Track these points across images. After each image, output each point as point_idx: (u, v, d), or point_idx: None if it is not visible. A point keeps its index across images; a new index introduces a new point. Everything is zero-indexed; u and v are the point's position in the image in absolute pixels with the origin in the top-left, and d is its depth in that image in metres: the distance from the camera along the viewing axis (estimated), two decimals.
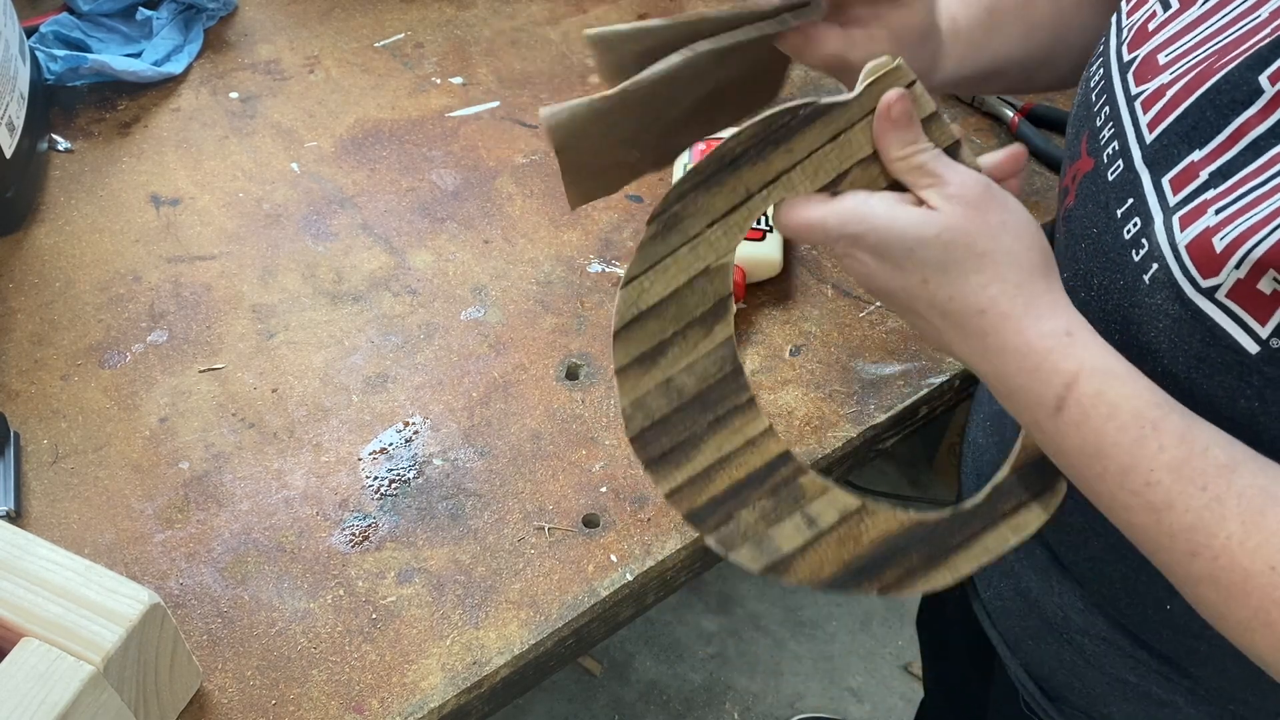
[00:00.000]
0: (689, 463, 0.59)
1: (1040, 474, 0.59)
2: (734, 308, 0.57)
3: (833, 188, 0.54)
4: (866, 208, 0.52)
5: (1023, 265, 0.50)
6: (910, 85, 0.53)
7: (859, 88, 0.53)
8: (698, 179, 0.54)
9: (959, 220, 0.50)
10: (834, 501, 0.59)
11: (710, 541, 0.59)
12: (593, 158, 0.58)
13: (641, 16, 1.19)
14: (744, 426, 0.58)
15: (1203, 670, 0.65)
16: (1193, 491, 0.46)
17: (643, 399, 0.58)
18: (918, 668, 1.65)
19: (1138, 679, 0.69)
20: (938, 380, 0.85)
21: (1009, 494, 0.60)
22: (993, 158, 0.55)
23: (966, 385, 0.87)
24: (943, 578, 0.60)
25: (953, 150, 0.53)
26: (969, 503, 0.60)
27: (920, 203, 0.52)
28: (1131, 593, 0.65)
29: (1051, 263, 0.52)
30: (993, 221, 0.50)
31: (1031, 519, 0.59)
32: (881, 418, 0.82)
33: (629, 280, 0.56)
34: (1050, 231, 0.63)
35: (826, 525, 0.59)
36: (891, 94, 0.52)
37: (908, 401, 0.84)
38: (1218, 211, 0.49)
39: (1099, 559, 0.67)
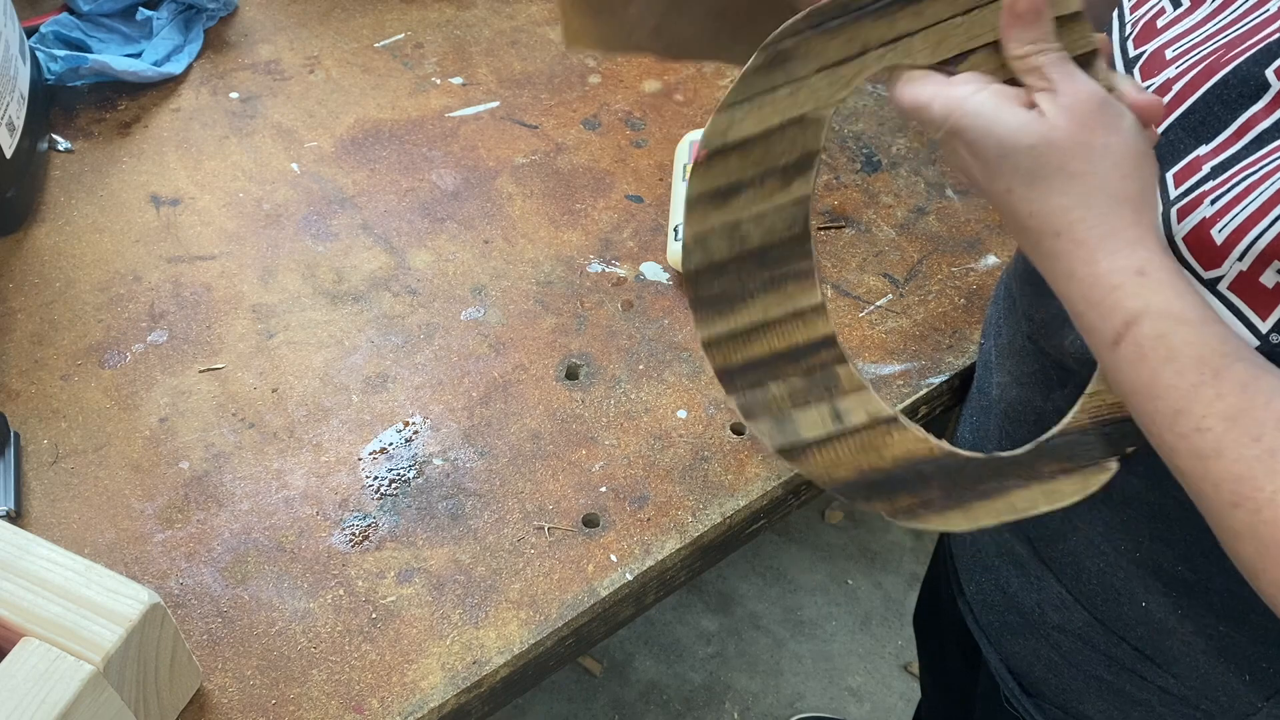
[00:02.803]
0: (733, 315, 0.57)
1: (1094, 445, 0.56)
2: (818, 168, 0.54)
3: (952, 65, 0.51)
4: (975, 100, 0.49)
5: (1114, 194, 0.47)
6: None
7: None
8: (817, 19, 0.51)
9: (1060, 135, 0.47)
10: (866, 403, 0.57)
11: (733, 404, 0.58)
12: None
13: None
14: (796, 295, 0.56)
15: (1176, 667, 0.65)
16: (1245, 442, 0.44)
17: (706, 236, 0.56)
18: (917, 667, 1.65)
19: (1112, 677, 0.69)
20: (937, 380, 0.85)
21: (1053, 456, 0.56)
22: (1133, 93, 0.50)
23: (966, 385, 0.87)
24: (958, 521, 0.57)
25: (1087, 58, 0.49)
26: (1008, 453, 0.57)
27: (1033, 106, 0.49)
28: (1107, 588, 0.66)
29: (1149, 196, 0.49)
30: (1096, 143, 0.47)
31: (1069, 490, 0.56)
32: None
33: (723, 108, 0.53)
34: None
35: (852, 425, 0.57)
36: None
37: (907, 401, 0.84)
38: (1213, 202, 0.49)
39: (1077, 554, 0.67)
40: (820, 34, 0.52)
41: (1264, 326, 0.47)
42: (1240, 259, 0.47)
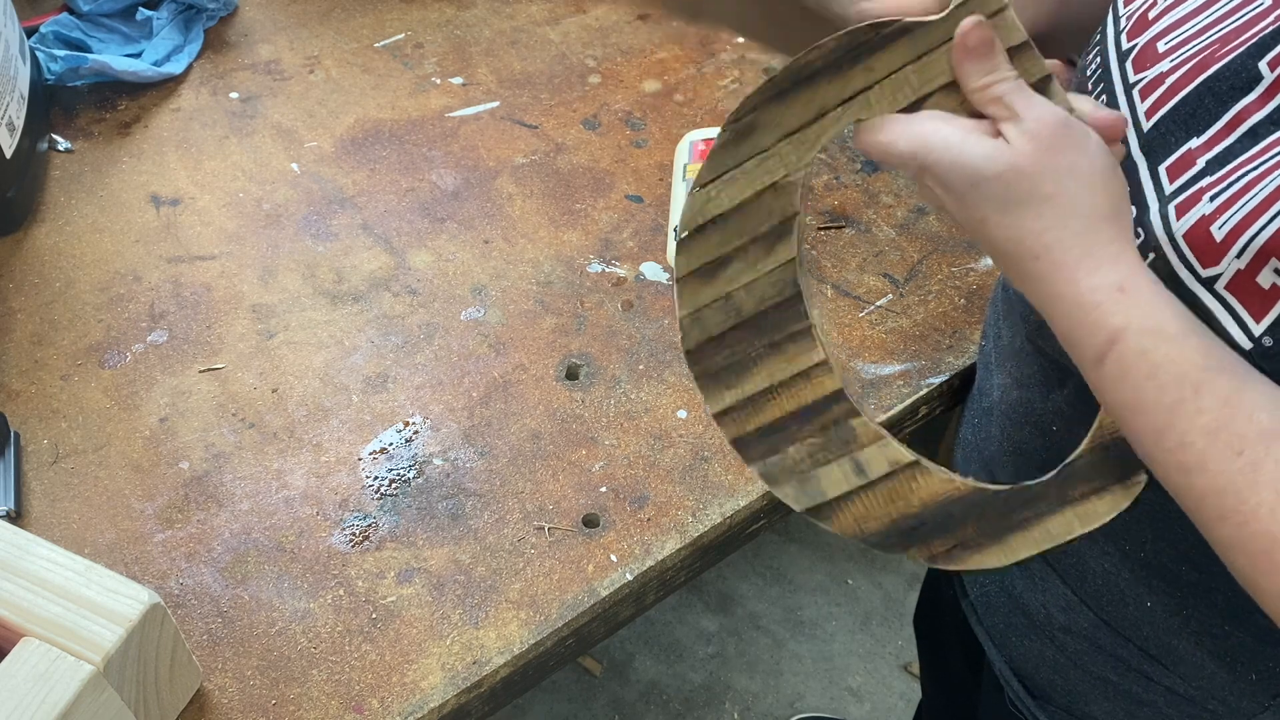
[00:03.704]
0: (740, 385, 0.57)
1: (1119, 461, 0.55)
2: (799, 229, 0.55)
3: (912, 112, 0.52)
4: (939, 135, 0.50)
5: (1086, 213, 0.48)
6: (999, 12, 0.49)
7: (949, 8, 0.50)
8: (773, 91, 0.52)
9: (1026, 160, 0.48)
10: (886, 452, 0.57)
11: (754, 470, 0.58)
12: None
13: (641, 17, 1.19)
14: (798, 356, 0.57)
15: (1181, 668, 0.65)
16: (1228, 456, 0.44)
17: (700, 312, 0.57)
18: (917, 668, 1.65)
19: (1118, 678, 0.69)
20: (937, 380, 0.85)
21: (1081, 478, 0.56)
22: (1093, 112, 0.50)
23: (966, 385, 0.87)
24: (996, 557, 0.57)
25: (1042, 84, 0.50)
26: (1035, 481, 0.57)
27: (998, 134, 0.49)
28: (1112, 589, 0.66)
29: (1123, 212, 0.49)
30: (1062, 164, 0.48)
31: (1102, 509, 0.56)
32: (881, 418, 0.82)
33: (696, 187, 0.54)
34: None
35: (876, 475, 0.57)
36: (968, 22, 0.49)
37: (907, 401, 0.84)
38: (1212, 199, 0.49)
39: (1082, 554, 0.67)
40: (778, 103, 0.53)
41: (1258, 329, 0.47)
42: (1238, 256, 0.47)
